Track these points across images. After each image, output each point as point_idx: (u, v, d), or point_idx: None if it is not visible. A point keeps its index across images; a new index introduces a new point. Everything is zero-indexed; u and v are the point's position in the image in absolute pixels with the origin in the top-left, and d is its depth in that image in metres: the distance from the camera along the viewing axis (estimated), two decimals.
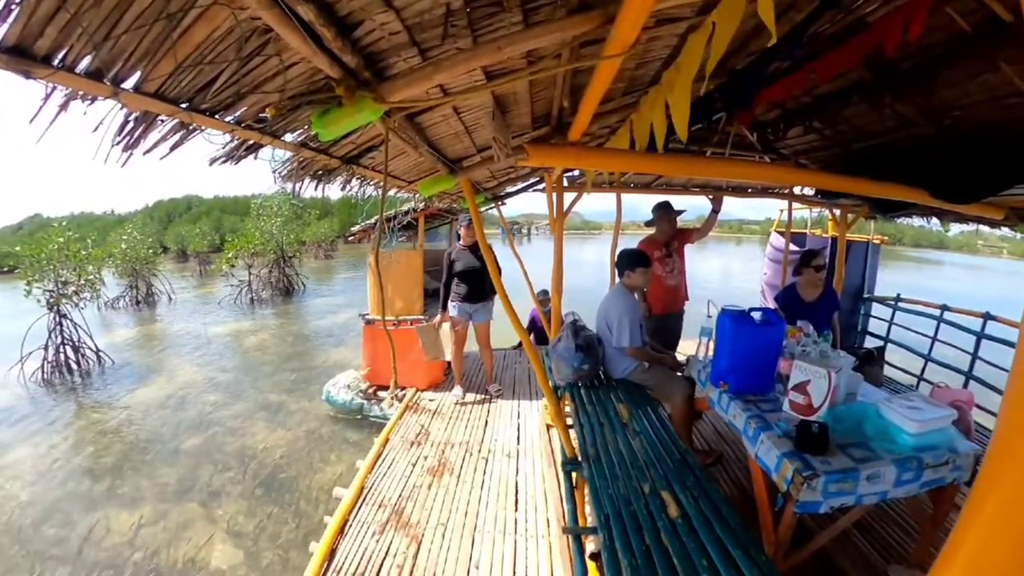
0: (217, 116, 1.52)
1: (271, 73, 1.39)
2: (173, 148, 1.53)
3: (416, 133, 2.29)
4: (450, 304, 5.70)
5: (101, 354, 11.01)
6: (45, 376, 10.06)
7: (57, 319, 10.56)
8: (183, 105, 1.39)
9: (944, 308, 5.60)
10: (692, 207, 5.35)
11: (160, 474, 6.22)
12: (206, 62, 1.24)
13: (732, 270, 30.23)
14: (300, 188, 2.54)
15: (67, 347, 10.56)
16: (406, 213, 6.05)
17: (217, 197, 61.40)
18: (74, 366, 10.57)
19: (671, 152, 2.62)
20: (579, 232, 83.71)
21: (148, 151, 1.49)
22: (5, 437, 7.42)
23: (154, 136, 1.48)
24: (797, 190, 5.69)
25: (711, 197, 4.88)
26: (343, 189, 2.92)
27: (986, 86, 2.64)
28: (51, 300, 10.57)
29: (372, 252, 2.13)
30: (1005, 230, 4.13)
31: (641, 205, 5.11)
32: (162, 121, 1.44)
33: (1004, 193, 2.93)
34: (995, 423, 0.55)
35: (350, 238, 7.33)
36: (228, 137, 1.66)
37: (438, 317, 5.83)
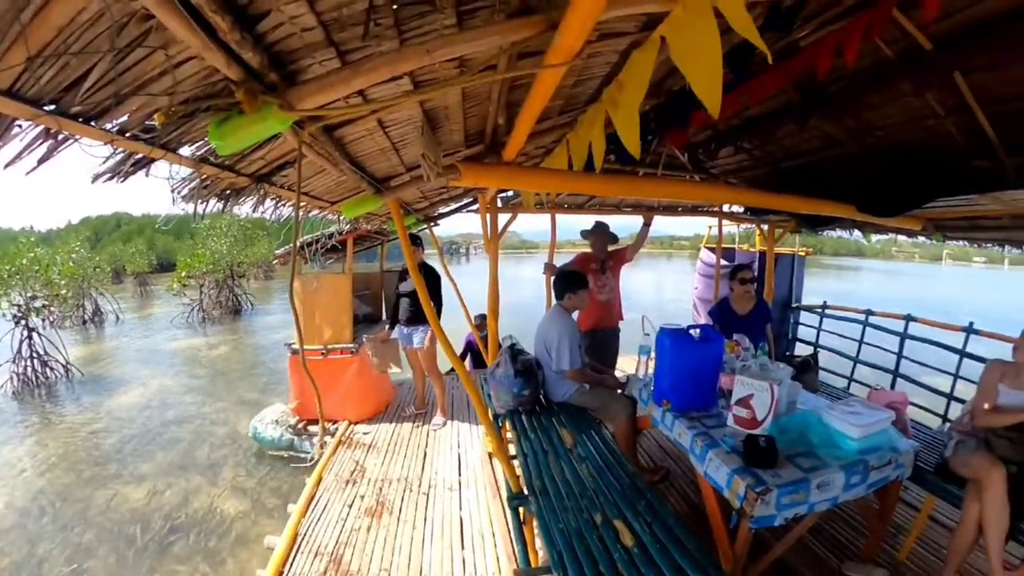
0: (93, 123, 1.29)
1: (157, 71, 1.17)
2: (41, 161, 1.28)
3: (336, 148, 2.10)
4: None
5: (70, 367, 11.08)
6: (15, 388, 10.18)
7: (26, 333, 10.73)
8: (47, 107, 1.16)
9: (869, 313, 5.86)
10: (623, 227, 5.41)
11: (159, 458, 6.89)
12: (71, 52, 1.03)
13: (664, 285, 31.39)
14: (204, 209, 2.25)
15: (35, 360, 10.70)
16: (330, 236, 5.72)
17: (147, 215, 58.77)
18: (43, 379, 10.66)
19: (606, 172, 2.58)
20: (516, 251, 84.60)
21: (8, 164, 1.24)
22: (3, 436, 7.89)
23: (15, 145, 1.23)
24: (727, 207, 5.85)
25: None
26: (254, 211, 2.66)
27: (907, 108, 2.82)
28: (17, 315, 10.78)
29: (293, 279, 1.89)
30: (919, 237, 4.36)
31: (577, 224, 5.09)
32: (20, 127, 1.19)
33: (924, 206, 3.07)
34: None
35: (274, 261, 6.99)
36: (110, 149, 1.41)
37: (384, 331, 5.68)
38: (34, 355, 10.67)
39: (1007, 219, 3.62)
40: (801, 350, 6.82)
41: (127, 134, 1.40)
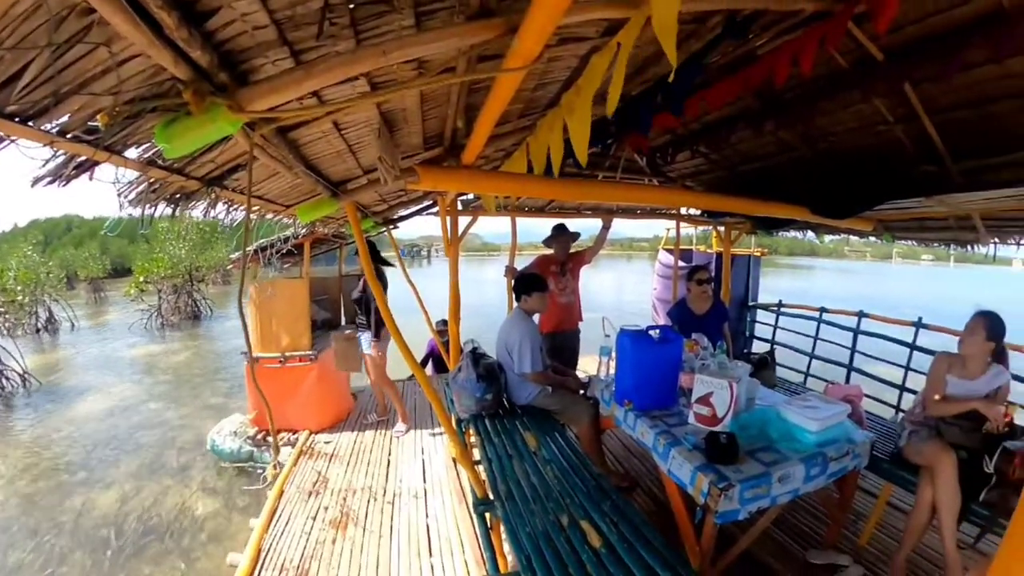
0: (31, 123, 1.22)
1: (100, 69, 1.11)
2: None
3: (290, 151, 2.04)
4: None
5: (28, 376, 10.72)
6: None
7: None
8: None
9: (823, 310, 6.07)
10: (584, 228, 5.44)
11: (128, 463, 6.89)
12: (5, 47, 0.97)
13: (625, 286, 31.83)
14: (153, 213, 2.16)
15: None
16: (285, 240, 5.56)
17: (99, 217, 55.33)
18: None
19: (565, 176, 2.59)
20: (479, 254, 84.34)
21: None
22: None
23: None
24: (684, 210, 5.95)
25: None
26: (205, 215, 2.57)
27: (859, 115, 2.98)
28: None
29: (250, 284, 1.81)
30: (870, 237, 4.52)
31: (536, 227, 5.11)
32: None
33: (874, 208, 3.19)
34: None
35: (230, 266, 6.78)
36: (51, 151, 1.34)
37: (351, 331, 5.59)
38: None
39: (952, 220, 3.81)
40: (759, 348, 6.97)
41: (68, 135, 1.33)
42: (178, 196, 2.27)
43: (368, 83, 1.73)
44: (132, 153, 1.63)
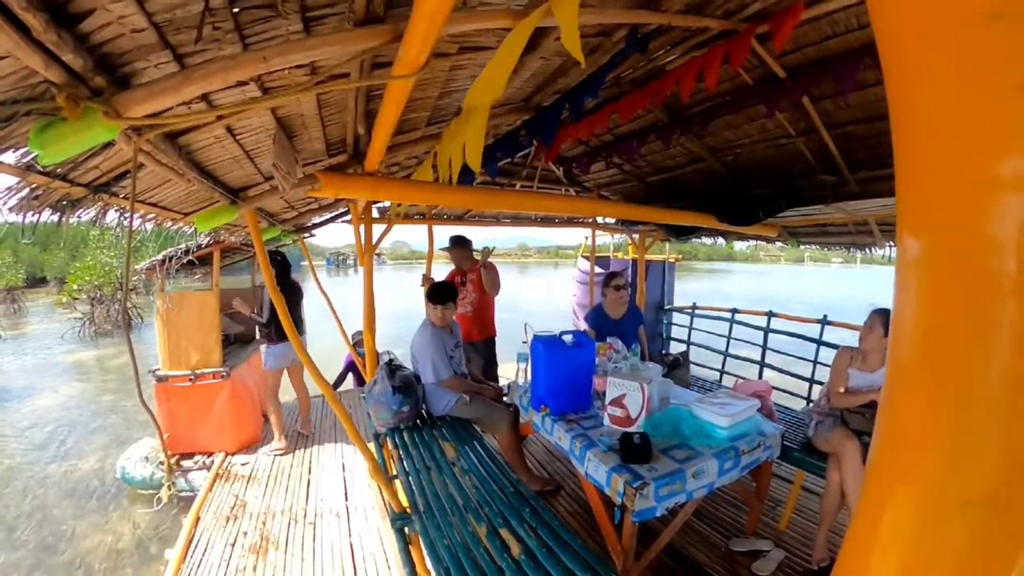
0: None
1: None
2: None
3: (180, 157, 1.94)
4: None
5: None
6: None
7: None
8: None
9: (734, 311, 6.34)
10: (510, 239, 5.46)
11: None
12: None
13: (553, 291, 32.27)
14: (36, 221, 2.01)
15: None
16: (186, 251, 5.23)
17: (8, 223, 50.82)
18: None
19: (480, 185, 2.60)
20: (407, 261, 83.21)
21: None
22: None
23: None
24: (600, 219, 6.09)
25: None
26: (96, 223, 2.40)
27: (762, 129, 3.19)
28: None
29: (125, 301, 1.66)
30: (777, 243, 4.78)
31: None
32: None
33: (777, 215, 3.37)
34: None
35: (135, 278, 6.32)
36: None
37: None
38: None
39: (851, 226, 4.10)
40: (676, 348, 7.23)
41: None
42: (63, 203, 2.10)
43: (259, 87, 1.66)
44: (9, 157, 1.49)
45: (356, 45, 1.30)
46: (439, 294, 3.70)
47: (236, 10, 1.18)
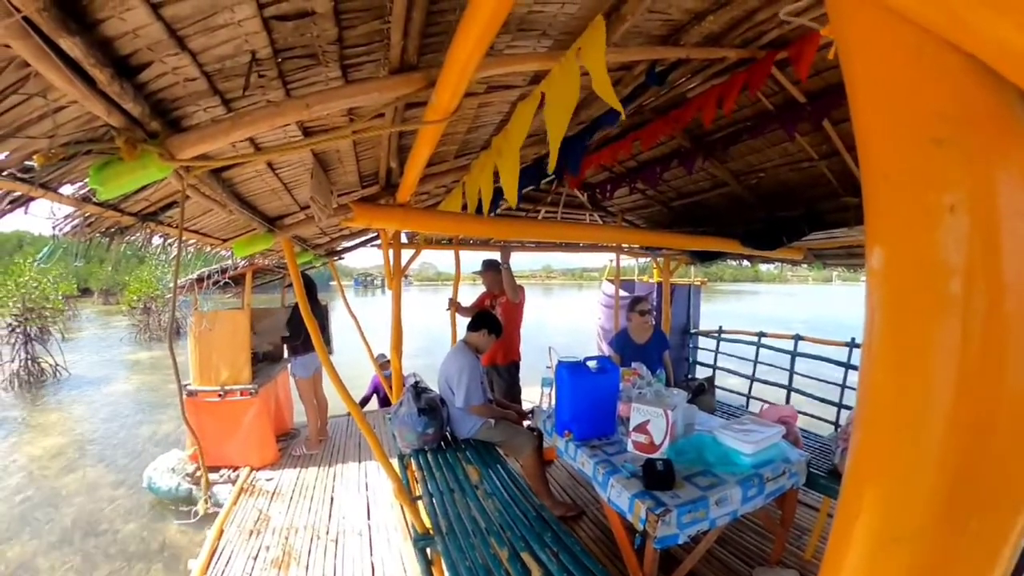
0: None
1: (36, 115, 1.12)
2: None
3: (224, 190, 2.05)
4: None
5: (58, 368, 13.45)
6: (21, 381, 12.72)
7: (24, 338, 13.33)
8: None
9: (761, 334, 6.29)
10: (535, 260, 5.53)
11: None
12: None
13: (576, 315, 32.00)
14: (89, 244, 2.19)
15: (30, 361, 13.17)
16: (223, 271, 5.42)
17: (55, 236, 53.13)
18: (36, 378, 13.03)
19: (504, 215, 2.66)
20: (433, 283, 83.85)
21: None
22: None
23: None
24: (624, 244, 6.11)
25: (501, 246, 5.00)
26: (141, 248, 2.54)
27: (785, 153, 3.19)
28: (13, 324, 13.45)
29: (172, 320, 1.81)
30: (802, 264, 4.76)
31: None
32: None
33: (801, 239, 3.37)
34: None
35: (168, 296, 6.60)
36: None
37: None
38: (28, 356, 13.15)
39: None
40: (702, 373, 7.17)
41: (4, 172, 1.32)
42: (113, 230, 2.24)
43: (300, 129, 1.76)
44: (68, 189, 1.61)
45: (391, 92, 1.38)
46: (497, 325, 3.76)
47: (280, 60, 1.26)
